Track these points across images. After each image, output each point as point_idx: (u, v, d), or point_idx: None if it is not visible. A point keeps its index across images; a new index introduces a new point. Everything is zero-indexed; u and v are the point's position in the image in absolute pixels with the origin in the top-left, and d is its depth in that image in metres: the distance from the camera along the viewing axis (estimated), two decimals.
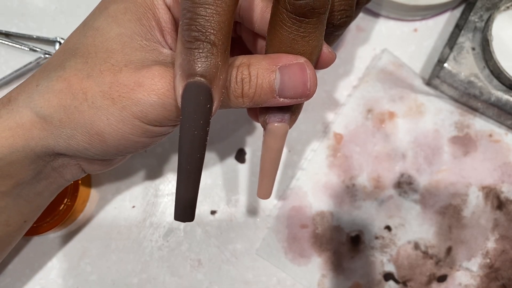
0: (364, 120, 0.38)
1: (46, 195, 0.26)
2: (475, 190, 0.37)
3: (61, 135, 0.22)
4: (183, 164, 0.19)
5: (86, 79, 0.22)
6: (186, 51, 0.19)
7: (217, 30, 0.19)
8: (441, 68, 0.37)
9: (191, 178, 0.20)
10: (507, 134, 0.38)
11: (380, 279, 0.36)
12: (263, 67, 0.21)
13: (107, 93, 0.21)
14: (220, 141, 0.38)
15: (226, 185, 0.38)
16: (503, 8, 0.37)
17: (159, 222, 0.37)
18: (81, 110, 0.22)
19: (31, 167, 0.23)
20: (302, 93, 0.22)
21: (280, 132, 0.24)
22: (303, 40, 0.21)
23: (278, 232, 0.37)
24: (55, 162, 0.24)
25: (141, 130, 0.22)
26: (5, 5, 0.40)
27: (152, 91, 0.21)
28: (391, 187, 0.37)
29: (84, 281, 0.36)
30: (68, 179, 0.26)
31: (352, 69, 0.40)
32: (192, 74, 0.19)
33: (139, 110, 0.21)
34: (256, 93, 0.22)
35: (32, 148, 0.23)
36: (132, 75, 0.21)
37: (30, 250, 0.36)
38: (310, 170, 0.38)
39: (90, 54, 0.22)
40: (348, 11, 0.24)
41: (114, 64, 0.22)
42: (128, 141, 0.23)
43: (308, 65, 0.22)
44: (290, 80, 0.22)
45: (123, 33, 0.22)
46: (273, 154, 0.25)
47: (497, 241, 0.37)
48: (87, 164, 0.26)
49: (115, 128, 0.22)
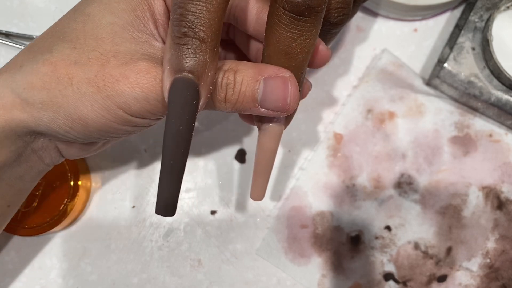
0: (364, 120, 0.38)
1: (28, 179, 0.26)
2: (475, 190, 0.37)
3: (42, 118, 0.22)
4: (167, 159, 0.19)
5: (73, 65, 0.22)
6: (175, 47, 0.19)
7: (207, 27, 0.19)
8: (441, 68, 0.37)
9: (174, 173, 0.19)
10: (507, 134, 0.38)
11: (380, 279, 0.36)
12: (248, 75, 0.22)
13: (93, 81, 0.21)
14: (220, 141, 0.38)
15: (226, 185, 0.38)
16: (503, 8, 0.37)
17: (159, 222, 0.37)
18: (65, 94, 0.22)
19: (12, 148, 0.23)
20: (282, 107, 0.22)
21: (275, 133, 0.24)
22: (300, 38, 0.21)
23: (278, 232, 0.37)
24: (34, 143, 0.24)
25: (123, 119, 0.22)
26: (5, 5, 0.40)
27: (136, 85, 0.21)
28: (391, 187, 0.37)
29: (84, 281, 0.36)
30: (48, 163, 0.26)
31: (352, 69, 0.40)
32: (180, 69, 0.19)
33: (122, 101, 0.21)
34: (238, 100, 0.22)
35: (12, 129, 0.23)
36: (119, 67, 0.21)
37: (30, 250, 0.36)
38: (310, 170, 0.38)
39: (78, 40, 0.22)
40: (345, 9, 0.24)
41: (102, 53, 0.22)
42: (110, 128, 0.23)
43: (291, 80, 0.22)
44: (272, 92, 0.22)
45: (115, 22, 0.22)
46: (267, 154, 0.25)
47: (497, 241, 0.37)
48: (66, 147, 0.26)
49: (99, 115, 0.22)
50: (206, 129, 0.39)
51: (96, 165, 0.38)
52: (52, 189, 0.35)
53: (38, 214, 0.34)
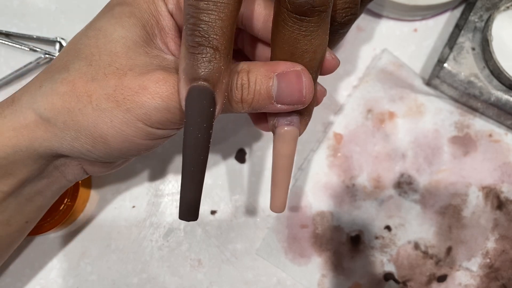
0: (364, 120, 0.38)
1: (48, 194, 0.26)
2: (475, 190, 0.37)
3: (65, 137, 0.22)
4: (187, 166, 0.20)
5: (90, 82, 0.22)
6: (189, 56, 0.19)
7: (220, 35, 0.19)
8: (441, 68, 0.37)
9: (195, 179, 0.20)
10: (507, 134, 0.38)
11: (380, 279, 0.36)
12: (261, 74, 0.22)
13: (111, 96, 0.21)
14: (220, 141, 0.38)
15: (226, 185, 0.38)
16: (503, 8, 0.37)
17: (159, 222, 0.37)
18: (85, 112, 0.22)
19: (34, 167, 0.24)
20: (298, 100, 0.22)
21: (290, 136, 0.24)
22: (305, 39, 0.21)
23: (278, 232, 0.37)
24: (57, 161, 0.25)
25: (144, 132, 0.22)
26: (5, 5, 0.40)
27: (156, 94, 0.21)
28: (391, 187, 0.37)
29: (84, 281, 0.36)
30: (70, 179, 0.26)
31: (352, 69, 0.40)
32: (196, 78, 0.19)
33: (143, 112, 0.21)
34: (254, 99, 0.22)
35: (35, 149, 0.23)
36: (136, 79, 0.21)
37: (30, 250, 0.36)
38: (310, 170, 0.38)
39: (94, 57, 0.22)
40: (353, 8, 0.24)
41: (118, 68, 0.22)
42: (131, 144, 0.23)
43: (304, 73, 0.22)
44: (287, 87, 0.22)
45: (127, 36, 0.23)
46: (284, 161, 0.24)
47: (497, 241, 0.37)
48: (88, 165, 0.26)
49: (119, 130, 0.22)
50: None
51: None
52: None
53: None
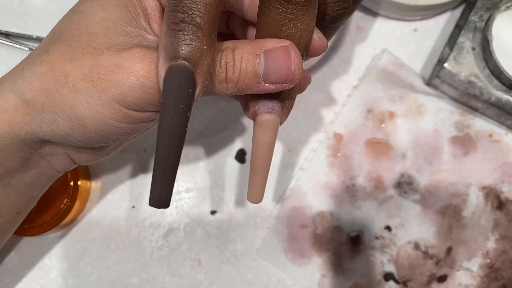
0: (364, 120, 0.38)
1: (38, 186, 0.26)
2: (475, 190, 0.37)
3: (44, 119, 0.22)
4: (161, 149, 0.19)
5: (68, 62, 0.21)
6: (170, 33, 0.18)
7: (204, 13, 0.18)
8: (441, 68, 0.37)
9: (168, 164, 0.19)
10: (507, 134, 0.38)
11: (380, 279, 0.36)
12: (247, 51, 0.21)
13: (87, 76, 0.21)
14: (220, 141, 0.38)
15: (226, 185, 0.38)
16: (503, 8, 0.37)
17: (159, 222, 0.37)
18: (62, 93, 0.21)
19: (18, 154, 0.23)
20: (287, 77, 0.21)
21: (270, 125, 0.23)
22: (290, 22, 0.21)
23: (278, 232, 0.37)
24: (42, 149, 0.24)
25: (121, 114, 0.21)
26: (5, 5, 0.40)
27: (131, 73, 0.20)
28: (391, 187, 0.37)
29: (84, 281, 0.36)
30: (59, 169, 0.26)
31: (352, 69, 0.40)
32: (176, 56, 0.18)
33: (118, 92, 0.21)
34: (240, 78, 0.21)
35: (17, 134, 0.22)
36: (112, 57, 0.21)
37: (30, 250, 0.36)
38: (310, 170, 0.38)
39: (73, 38, 0.22)
40: (345, 2, 0.23)
41: (96, 47, 0.21)
42: (109, 127, 0.22)
43: (293, 48, 0.21)
44: (274, 64, 0.21)
45: (108, 17, 0.22)
46: (263, 150, 0.23)
47: (497, 241, 0.37)
48: (75, 153, 0.25)
49: (95, 112, 0.21)
50: (206, 129, 0.39)
51: (95, 165, 0.38)
52: (52, 189, 0.34)
53: (38, 214, 0.34)
